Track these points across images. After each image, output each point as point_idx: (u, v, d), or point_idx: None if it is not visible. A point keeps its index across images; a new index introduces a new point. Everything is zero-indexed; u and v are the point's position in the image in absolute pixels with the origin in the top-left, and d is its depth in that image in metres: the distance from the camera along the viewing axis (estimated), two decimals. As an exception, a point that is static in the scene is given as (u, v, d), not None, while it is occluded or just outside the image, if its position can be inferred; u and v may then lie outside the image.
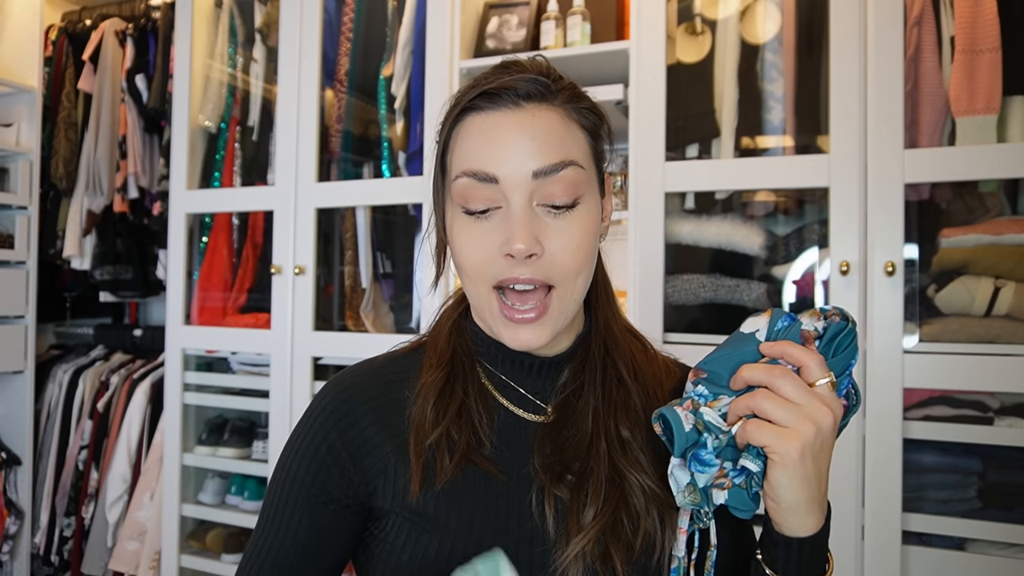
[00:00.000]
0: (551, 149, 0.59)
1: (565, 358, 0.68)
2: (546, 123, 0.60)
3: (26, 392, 2.25)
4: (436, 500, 0.61)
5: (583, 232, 0.60)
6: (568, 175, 0.59)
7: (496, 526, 0.61)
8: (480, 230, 0.60)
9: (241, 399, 1.95)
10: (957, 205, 1.41)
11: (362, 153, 1.94)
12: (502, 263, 0.59)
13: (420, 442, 0.62)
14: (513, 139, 0.59)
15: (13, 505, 2.22)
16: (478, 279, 0.61)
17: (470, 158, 0.60)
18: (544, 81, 0.61)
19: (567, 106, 0.62)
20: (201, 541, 1.98)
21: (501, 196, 0.59)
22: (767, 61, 1.47)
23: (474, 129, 0.61)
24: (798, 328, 0.57)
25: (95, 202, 2.39)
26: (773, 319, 0.58)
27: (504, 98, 0.60)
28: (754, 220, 1.53)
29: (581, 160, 0.61)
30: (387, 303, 1.94)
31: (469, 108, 0.62)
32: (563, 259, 0.59)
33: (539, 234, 0.58)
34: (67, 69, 2.46)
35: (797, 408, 0.52)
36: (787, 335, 0.57)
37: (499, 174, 0.58)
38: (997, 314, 1.29)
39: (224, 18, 2.08)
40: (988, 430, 1.28)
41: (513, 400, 0.67)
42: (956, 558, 1.28)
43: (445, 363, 0.66)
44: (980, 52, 1.30)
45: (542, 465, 0.62)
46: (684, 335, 1.48)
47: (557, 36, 1.66)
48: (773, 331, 0.57)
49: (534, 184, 0.58)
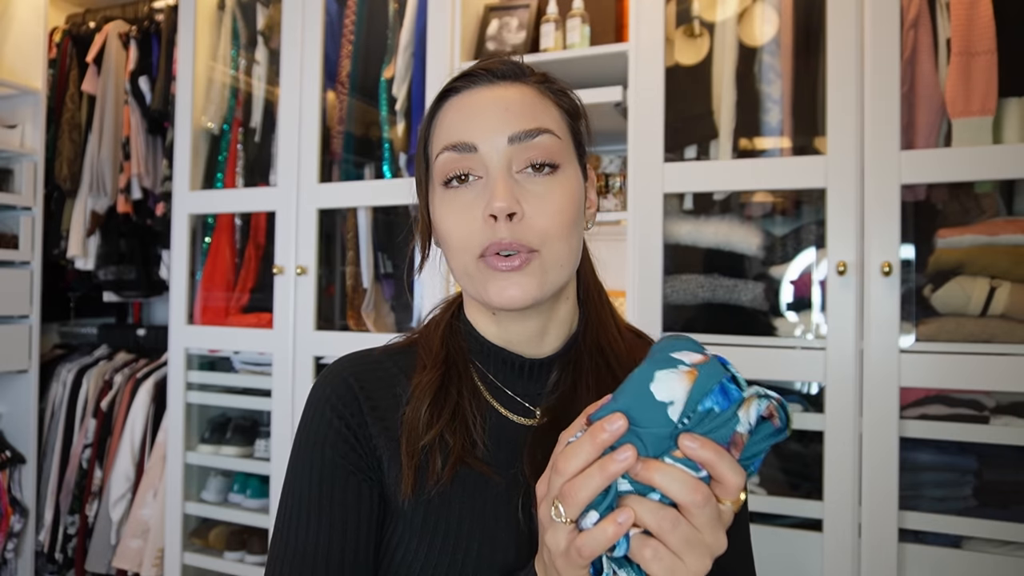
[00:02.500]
0: (525, 117, 0.61)
1: (556, 359, 0.66)
2: (519, 95, 0.62)
3: (30, 391, 2.26)
4: (427, 503, 0.60)
5: (563, 197, 0.60)
6: (544, 141, 0.60)
7: (485, 530, 0.60)
8: (462, 201, 0.61)
9: (243, 398, 1.97)
10: (953, 206, 1.42)
11: (363, 154, 1.96)
12: (486, 230, 0.59)
13: (413, 443, 0.61)
14: (489, 109, 0.61)
15: (17, 503, 2.24)
16: (463, 250, 0.60)
17: (450, 133, 0.62)
18: (519, 64, 0.64)
19: (540, 85, 0.64)
20: (204, 539, 2.00)
21: (481, 165, 0.60)
22: (765, 63, 1.48)
23: (453, 108, 0.63)
24: (733, 425, 0.44)
25: (99, 203, 2.41)
26: (698, 385, 0.44)
27: (480, 77, 0.63)
28: (752, 221, 1.54)
29: (557, 131, 0.62)
30: (388, 303, 1.96)
31: (448, 92, 0.65)
32: (543, 222, 0.59)
33: (520, 197, 0.59)
34: (71, 71, 2.48)
35: (700, 541, 0.43)
36: (716, 427, 0.44)
37: (477, 142, 0.60)
38: (993, 314, 1.30)
39: (227, 20, 2.09)
40: (984, 429, 1.29)
41: (503, 403, 0.66)
42: (952, 556, 1.29)
43: (439, 363, 0.65)
44: (976, 54, 1.30)
45: (532, 470, 0.60)
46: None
47: (556, 38, 1.67)
48: (696, 409, 0.44)
49: (511, 150, 0.60)
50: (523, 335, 0.66)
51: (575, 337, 0.68)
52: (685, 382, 0.44)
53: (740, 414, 0.44)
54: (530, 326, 0.65)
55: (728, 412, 0.44)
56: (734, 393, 0.45)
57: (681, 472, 0.43)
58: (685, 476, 0.43)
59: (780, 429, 0.45)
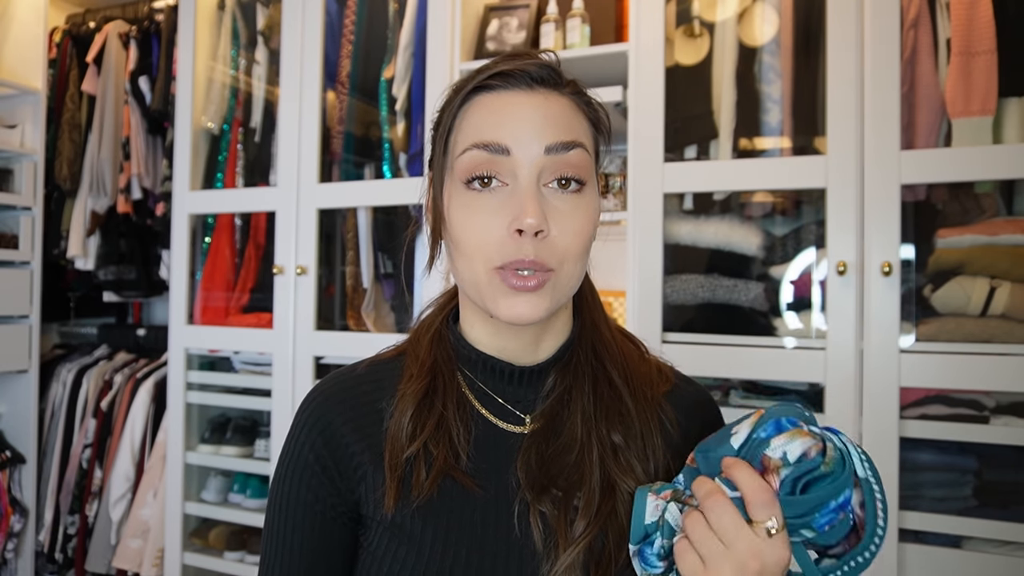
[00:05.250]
0: (563, 129, 0.59)
1: (549, 365, 0.65)
2: (558, 106, 0.60)
3: (30, 391, 2.26)
4: (412, 514, 0.60)
5: (586, 218, 0.59)
6: (577, 156, 0.59)
7: (472, 539, 0.59)
8: (483, 207, 0.58)
9: (243, 398, 1.97)
10: (953, 206, 1.42)
11: (363, 154, 1.96)
12: (508, 243, 0.57)
13: (396, 456, 0.61)
14: (527, 115, 0.59)
15: (17, 503, 2.24)
16: (477, 258, 0.58)
17: (481, 131, 0.59)
18: (555, 69, 0.62)
19: (574, 96, 0.63)
20: (204, 539, 2.00)
21: (510, 172, 0.58)
22: (765, 63, 1.48)
23: (486, 106, 0.60)
24: (762, 448, 0.49)
25: (99, 203, 2.41)
26: (757, 424, 0.50)
27: (517, 79, 0.60)
28: (752, 221, 1.54)
29: (588, 147, 0.61)
30: (388, 303, 1.96)
31: (480, 88, 0.61)
32: (567, 242, 0.58)
33: (546, 214, 0.57)
34: (71, 71, 2.48)
35: (721, 547, 0.48)
36: (755, 451, 0.49)
37: (511, 146, 0.58)
38: (993, 314, 1.30)
39: (227, 20, 2.09)
40: (984, 429, 1.29)
41: (493, 410, 0.65)
42: (952, 556, 1.29)
43: (425, 373, 0.64)
44: (976, 54, 1.30)
45: (526, 478, 0.60)
46: (682, 335, 1.49)
47: (557, 38, 1.67)
48: (750, 439, 0.50)
49: (544, 160, 0.58)
50: (518, 345, 0.65)
51: (570, 342, 0.67)
52: (752, 419, 0.52)
53: (775, 441, 0.49)
54: (527, 337, 0.65)
55: (766, 439, 0.49)
56: (786, 425, 0.50)
57: (707, 480, 0.51)
58: (709, 483, 0.50)
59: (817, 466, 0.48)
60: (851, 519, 0.49)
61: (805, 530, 0.49)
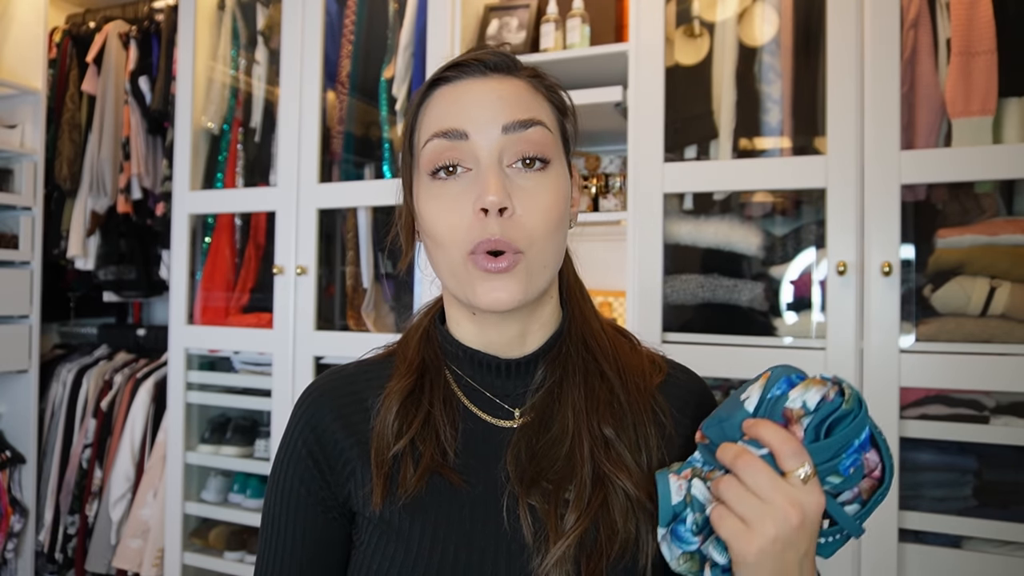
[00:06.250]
0: (520, 108, 0.59)
1: (537, 357, 0.65)
2: (513, 88, 0.61)
3: (30, 391, 2.26)
4: (400, 511, 0.60)
5: (554, 195, 0.60)
6: (537, 134, 0.59)
7: (461, 535, 0.59)
8: (449, 193, 0.59)
9: (243, 398, 1.97)
10: (953, 206, 1.42)
11: (363, 154, 1.96)
12: (475, 225, 0.57)
13: (382, 453, 0.61)
14: (482, 99, 0.59)
15: (17, 503, 2.24)
16: (450, 245, 0.59)
17: (439, 120, 0.60)
18: (510, 56, 0.63)
19: (532, 79, 0.63)
20: (204, 539, 2.00)
21: (471, 156, 0.59)
22: (765, 63, 1.48)
23: (444, 97, 0.61)
24: (783, 402, 0.50)
25: (99, 203, 2.41)
26: (768, 384, 0.52)
27: (472, 67, 0.61)
28: (752, 221, 1.54)
29: (549, 125, 0.61)
30: (388, 303, 1.96)
31: (437, 82, 0.63)
32: (534, 221, 0.58)
33: (510, 192, 0.58)
34: (71, 71, 2.48)
35: (759, 503, 0.48)
36: (773, 409, 0.51)
37: (469, 130, 0.58)
38: (993, 314, 1.30)
39: (227, 20, 2.09)
40: (984, 429, 1.29)
41: (481, 405, 0.65)
42: (952, 556, 1.29)
43: (412, 371, 0.65)
44: (976, 54, 1.31)
45: (515, 471, 0.60)
46: (682, 334, 1.49)
47: (557, 38, 1.67)
48: (764, 399, 0.51)
49: (504, 140, 0.58)
50: (504, 338, 0.65)
51: (559, 334, 0.66)
52: (760, 382, 0.53)
53: (792, 393, 0.50)
54: (511, 330, 0.64)
55: (783, 393, 0.51)
56: (796, 379, 0.51)
57: (732, 445, 0.51)
58: (734, 447, 0.51)
59: (839, 406, 0.49)
60: (862, 463, 0.51)
61: (832, 476, 0.50)
